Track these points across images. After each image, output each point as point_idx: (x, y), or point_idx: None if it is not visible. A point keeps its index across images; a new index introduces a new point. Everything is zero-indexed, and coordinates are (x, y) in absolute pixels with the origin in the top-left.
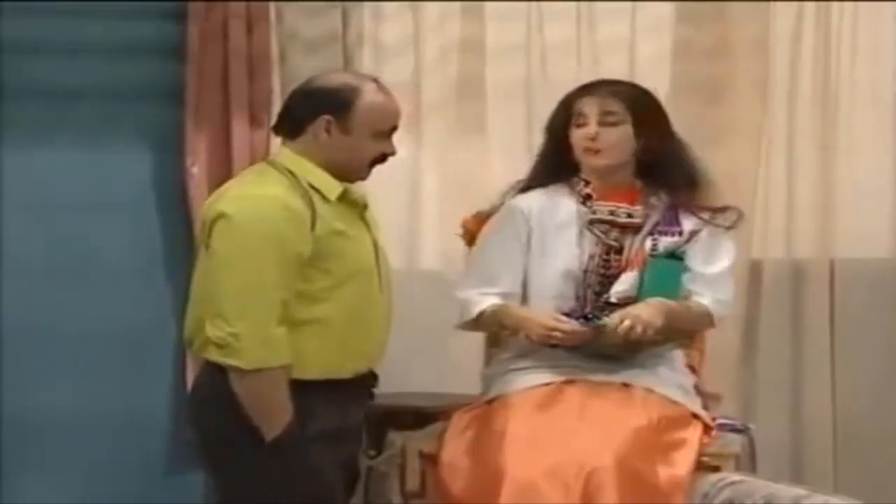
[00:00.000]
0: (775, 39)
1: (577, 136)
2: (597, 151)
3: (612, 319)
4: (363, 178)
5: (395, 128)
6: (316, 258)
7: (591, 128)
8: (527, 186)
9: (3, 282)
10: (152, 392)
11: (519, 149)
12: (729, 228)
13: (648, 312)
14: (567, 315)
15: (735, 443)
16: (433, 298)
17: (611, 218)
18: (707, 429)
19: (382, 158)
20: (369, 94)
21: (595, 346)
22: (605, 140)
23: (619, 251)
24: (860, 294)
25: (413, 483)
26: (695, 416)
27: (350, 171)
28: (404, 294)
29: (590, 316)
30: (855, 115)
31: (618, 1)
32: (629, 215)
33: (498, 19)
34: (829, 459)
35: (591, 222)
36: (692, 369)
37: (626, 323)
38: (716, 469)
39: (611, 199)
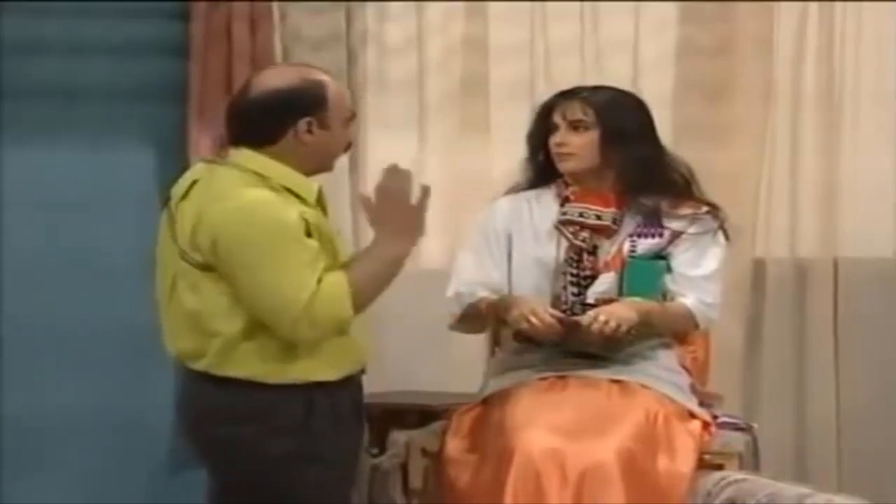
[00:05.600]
0: (779, 39)
1: (551, 143)
2: (564, 156)
3: (586, 316)
4: (333, 168)
5: (354, 112)
6: None
7: (560, 134)
8: (516, 190)
9: (5, 281)
10: (153, 391)
11: (522, 148)
12: (709, 233)
13: (623, 309)
14: None
15: (738, 441)
16: (436, 297)
17: (580, 219)
18: (706, 426)
19: (349, 146)
20: (332, 84)
21: (574, 344)
22: (572, 145)
23: (592, 252)
24: (864, 293)
25: (416, 481)
26: (692, 413)
27: (326, 166)
28: (407, 293)
29: (567, 314)
30: (858, 114)
31: (621, 1)
32: (598, 217)
33: (502, 19)
34: (832, 458)
35: (562, 223)
36: (686, 370)
37: (601, 318)
38: (719, 467)
39: (585, 201)
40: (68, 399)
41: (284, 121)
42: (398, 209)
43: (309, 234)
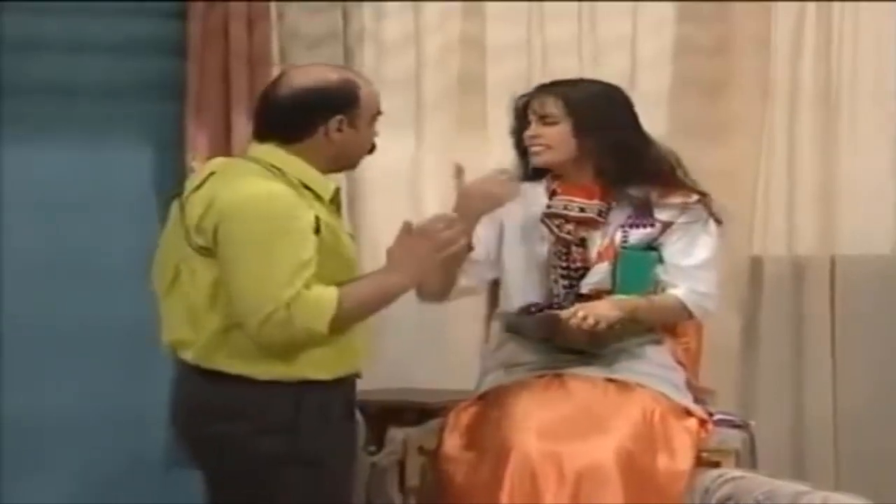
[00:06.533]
0: (776, 37)
1: (525, 137)
2: (538, 149)
3: (566, 311)
4: (356, 167)
5: (381, 111)
6: (320, 258)
7: (532, 128)
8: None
9: (4, 280)
10: (152, 390)
11: None
12: (699, 222)
13: (605, 307)
14: (532, 306)
15: (735, 439)
16: None
17: (564, 212)
18: (702, 423)
19: (373, 146)
20: (364, 85)
21: (559, 339)
22: (543, 139)
23: (581, 244)
24: (861, 290)
25: (413, 479)
26: (688, 411)
27: (352, 163)
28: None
29: (554, 307)
30: (856, 112)
31: (619, 0)
32: (582, 210)
33: (499, 17)
34: (829, 455)
35: (547, 216)
36: (681, 364)
37: (580, 314)
38: (716, 465)
39: (570, 194)
40: (67, 398)
41: (316, 118)
42: (425, 251)
43: (318, 231)
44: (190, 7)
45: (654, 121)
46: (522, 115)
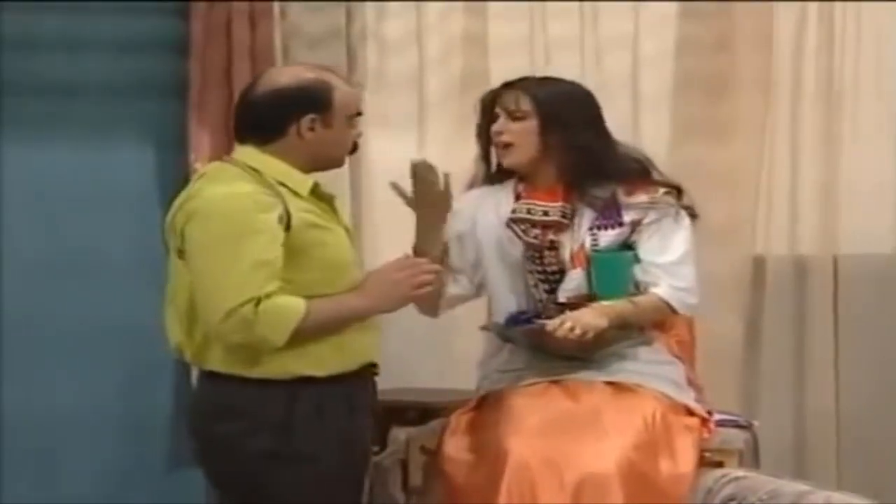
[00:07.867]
0: (778, 35)
1: (491, 132)
2: (504, 147)
3: (551, 322)
4: (341, 165)
5: (360, 111)
6: (298, 253)
7: (499, 123)
8: (477, 184)
9: (5, 279)
10: (154, 389)
11: None
12: (669, 216)
13: (590, 315)
14: (521, 314)
15: (738, 439)
16: None
17: (528, 216)
18: (704, 422)
19: (356, 146)
20: (340, 85)
21: (548, 348)
22: (510, 133)
23: (553, 248)
24: (864, 290)
25: (416, 479)
26: (690, 410)
27: (332, 162)
28: None
29: (542, 316)
30: (858, 110)
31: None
32: (546, 213)
33: (501, 15)
34: (832, 455)
35: (513, 220)
36: (678, 358)
37: (566, 325)
38: (719, 465)
39: (533, 197)
40: (68, 398)
41: (288, 117)
42: (406, 286)
43: (288, 227)
44: (192, 5)
45: (655, 119)
46: (489, 110)
